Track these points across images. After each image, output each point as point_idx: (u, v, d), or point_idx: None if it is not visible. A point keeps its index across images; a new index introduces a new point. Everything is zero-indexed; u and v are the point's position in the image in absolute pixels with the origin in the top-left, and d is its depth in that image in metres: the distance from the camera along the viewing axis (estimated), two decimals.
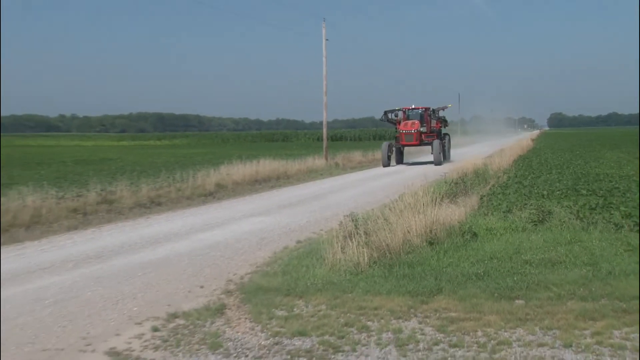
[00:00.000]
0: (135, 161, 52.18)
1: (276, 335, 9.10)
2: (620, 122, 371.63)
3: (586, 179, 26.16)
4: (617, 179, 25.92)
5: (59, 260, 14.86)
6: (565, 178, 26.99)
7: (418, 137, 48.98)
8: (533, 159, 43.00)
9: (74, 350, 8.88)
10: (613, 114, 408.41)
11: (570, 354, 8.05)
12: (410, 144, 50.12)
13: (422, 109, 51.91)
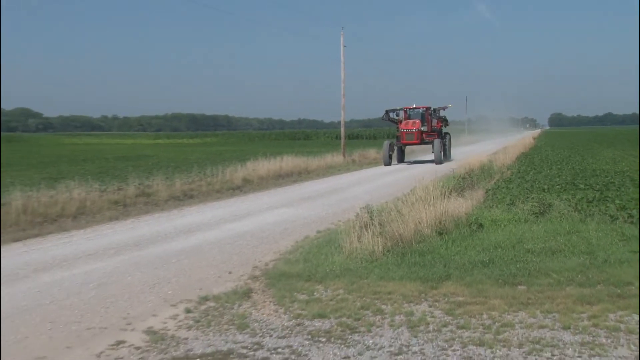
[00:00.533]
0: (169, 158, 52.30)
1: (298, 317, 9.13)
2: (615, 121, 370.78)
3: (584, 174, 26.21)
4: (613, 174, 25.98)
5: (102, 248, 14.96)
6: (565, 173, 27.06)
7: (419, 136, 46.34)
8: (535, 156, 42.94)
9: (116, 328, 8.94)
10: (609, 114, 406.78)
11: (569, 335, 8.04)
12: (411, 142, 47.54)
13: (423, 109, 48.91)
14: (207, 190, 27.16)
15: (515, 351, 7.58)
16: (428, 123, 47.94)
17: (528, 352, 7.53)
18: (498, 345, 7.76)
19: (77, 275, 12.29)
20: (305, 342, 8.12)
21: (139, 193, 24.07)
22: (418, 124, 46.49)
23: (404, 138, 47.28)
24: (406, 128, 46.87)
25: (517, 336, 8.06)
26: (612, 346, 7.64)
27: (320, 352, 7.76)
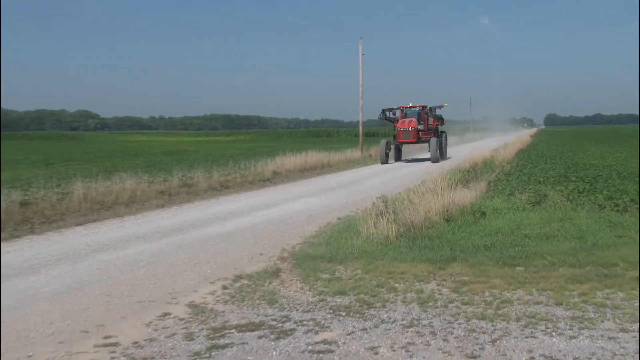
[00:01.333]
0: (208, 153, 52.44)
1: (321, 293, 9.14)
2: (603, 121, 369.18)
3: (575, 168, 26.13)
4: (601, 168, 25.81)
5: (150, 232, 15.05)
6: (558, 167, 26.96)
7: (415, 134, 41.86)
8: (531, 151, 42.75)
9: (162, 302, 9.00)
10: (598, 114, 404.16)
11: (561, 310, 8.01)
12: (408, 141, 42.75)
13: (419, 107, 44.05)
14: (241, 181, 27.21)
15: (514, 324, 7.55)
16: (424, 122, 43.71)
17: (525, 326, 7.50)
18: (498, 319, 7.74)
19: (129, 255, 12.38)
20: (327, 315, 8.12)
21: (181, 184, 24.16)
22: (414, 123, 42.26)
23: (400, 137, 43.01)
24: (402, 127, 42.55)
25: (515, 311, 8.04)
26: (600, 320, 7.61)
27: (341, 324, 7.77)
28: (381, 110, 44.68)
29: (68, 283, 10.27)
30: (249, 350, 6.94)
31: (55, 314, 8.60)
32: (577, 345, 6.84)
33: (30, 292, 9.78)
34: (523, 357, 6.55)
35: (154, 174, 26.12)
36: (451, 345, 6.94)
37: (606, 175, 22.35)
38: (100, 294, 9.59)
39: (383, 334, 7.36)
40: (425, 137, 42.68)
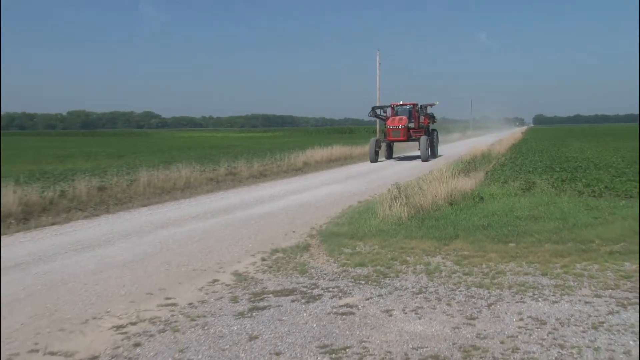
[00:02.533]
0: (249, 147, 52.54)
1: (344, 265, 9.14)
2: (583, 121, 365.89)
3: (559, 160, 25.95)
4: (580, 160, 25.65)
5: (202, 212, 15.13)
6: (545, 159, 26.74)
7: (405, 132, 35.40)
8: (522, 146, 42.35)
9: (212, 271, 9.06)
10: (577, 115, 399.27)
11: (546, 279, 7.99)
12: (398, 139, 36.23)
13: (410, 105, 37.46)
14: (276, 170, 27.30)
15: (506, 291, 7.52)
16: (415, 120, 37.01)
17: (515, 292, 7.47)
18: (493, 287, 7.71)
19: (185, 231, 12.47)
20: (349, 283, 8.13)
21: (227, 172, 24.34)
22: (404, 121, 35.70)
23: (390, 135, 36.25)
24: (392, 125, 35.96)
25: (507, 280, 8.00)
26: (578, 287, 7.62)
27: (361, 291, 7.77)
28: (371, 108, 37.79)
29: (136, 254, 10.39)
30: (283, 312, 6.97)
31: (126, 278, 8.71)
32: (558, 309, 6.84)
33: (106, 260, 9.93)
34: (514, 318, 6.54)
35: (205, 164, 26.27)
36: (453, 309, 6.93)
37: (584, 166, 22.28)
38: (161, 263, 9.68)
39: (396, 299, 7.36)
40: (415, 135, 36.44)
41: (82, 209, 15.49)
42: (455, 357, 5.54)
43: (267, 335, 6.20)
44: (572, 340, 5.88)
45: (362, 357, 5.59)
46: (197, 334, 6.32)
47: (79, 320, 6.94)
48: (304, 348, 5.84)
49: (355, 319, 6.65)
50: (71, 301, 7.68)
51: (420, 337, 6.07)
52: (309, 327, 6.41)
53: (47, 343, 6.24)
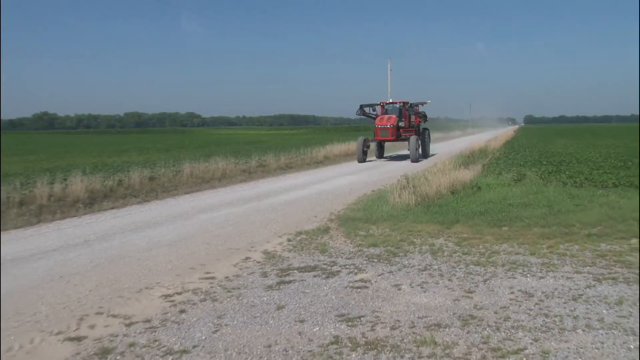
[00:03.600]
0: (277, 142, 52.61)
1: (359, 245, 9.13)
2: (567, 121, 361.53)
3: (546, 155, 25.97)
4: (564, 155, 25.66)
5: (236, 199, 15.20)
6: (534, 154, 26.73)
7: (394, 132, 29.63)
8: (514, 142, 42.09)
9: (244, 250, 9.10)
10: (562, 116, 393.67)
11: (534, 258, 7.94)
12: (386, 139, 30.38)
13: (400, 104, 31.68)
14: (300, 163, 27.29)
15: (500, 269, 7.48)
16: (405, 119, 31.22)
17: (508, 269, 7.43)
18: (489, 265, 7.67)
19: (221, 215, 12.54)
20: (363, 261, 8.13)
21: (258, 165, 24.38)
22: (393, 120, 29.90)
23: (378, 134, 30.41)
24: (381, 124, 30.18)
25: (501, 259, 7.96)
26: (561, 265, 7.59)
27: (374, 267, 7.77)
28: (359, 107, 31.84)
29: (180, 234, 10.48)
30: (307, 285, 7.00)
31: (171, 255, 8.79)
32: (544, 283, 6.84)
33: (156, 239, 10.03)
34: (506, 292, 6.52)
35: (238, 157, 26.36)
36: (454, 283, 6.92)
37: (568, 160, 22.30)
38: (202, 242, 9.75)
39: (404, 275, 7.36)
40: (406, 134, 30.63)
41: (135, 196, 15.66)
42: (455, 325, 5.54)
43: (293, 305, 6.23)
44: (555, 310, 5.90)
45: (374, 325, 5.61)
46: (232, 303, 6.36)
47: (135, 289, 7.03)
48: (324, 316, 5.87)
49: (368, 292, 6.65)
50: (128, 273, 7.78)
51: (425, 308, 6.07)
52: (329, 299, 6.43)
53: (109, 307, 6.36)
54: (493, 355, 4.84)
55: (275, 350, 5.04)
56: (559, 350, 4.93)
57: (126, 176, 17.58)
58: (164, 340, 5.35)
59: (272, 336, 5.37)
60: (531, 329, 5.40)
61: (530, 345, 5.04)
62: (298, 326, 5.61)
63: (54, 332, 5.67)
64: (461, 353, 4.89)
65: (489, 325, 5.50)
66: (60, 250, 9.32)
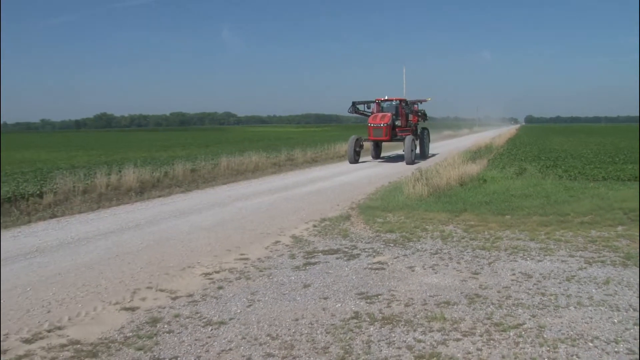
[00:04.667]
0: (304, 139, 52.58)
1: (377, 231, 9.12)
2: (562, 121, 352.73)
3: (544, 151, 25.71)
4: (560, 152, 25.34)
5: (267, 189, 15.27)
6: (533, 150, 26.44)
7: (388, 131, 24.68)
8: (516, 140, 41.50)
9: (275, 234, 9.15)
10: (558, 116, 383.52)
11: (534, 244, 7.88)
12: (380, 139, 25.39)
13: (396, 101, 26.73)
14: (325, 157, 27.24)
15: (503, 253, 7.43)
16: (402, 117, 26.44)
17: (510, 253, 7.38)
18: (493, 249, 7.62)
19: (254, 204, 12.61)
20: (381, 245, 8.13)
21: (287, 158, 24.41)
22: (387, 118, 24.90)
23: (371, 134, 25.38)
24: (374, 122, 25.14)
25: (504, 244, 7.90)
26: (557, 250, 7.54)
27: (390, 251, 7.77)
28: (351, 104, 26.74)
29: (217, 220, 10.57)
30: (330, 266, 7.02)
31: (210, 238, 8.88)
32: (542, 266, 6.80)
33: (197, 224, 10.14)
34: (508, 273, 6.49)
35: (269, 152, 26.42)
36: (462, 266, 6.88)
37: (564, 156, 22.05)
38: (236, 227, 9.83)
39: (417, 258, 7.34)
40: (402, 134, 25.68)
41: (179, 186, 15.82)
42: (462, 302, 5.52)
43: (317, 284, 6.26)
44: (551, 290, 5.88)
45: (390, 302, 5.61)
46: (264, 282, 6.42)
47: (179, 267, 7.14)
48: (345, 294, 5.89)
49: (385, 273, 6.66)
50: (172, 253, 7.90)
51: (435, 287, 6.05)
52: (350, 279, 6.45)
53: (158, 283, 6.47)
54: (496, 330, 4.82)
55: (302, 324, 5.09)
56: (554, 325, 4.91)
57: (171, 168, 17.77)
58: (204, 312, 5.43)
59: (299, 311, 5.41)
60: (529, 306, 5.37)
61: (529, 320, 5.02)
62: (322, 303, 5.64)
63: (112, 302, 5.80)
64: (467, 327, 4.88)
65: (492, 303, 5.48)
66: (116, 232, 9.50)
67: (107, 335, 4.91)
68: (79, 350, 4.58)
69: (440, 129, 63.64)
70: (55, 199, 12.43)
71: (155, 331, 4.97)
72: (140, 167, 16.88)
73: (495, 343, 4.55)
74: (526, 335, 4.70)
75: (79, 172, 15.54)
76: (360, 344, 4.59)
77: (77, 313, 5.49)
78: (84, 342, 4.77)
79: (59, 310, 5.60)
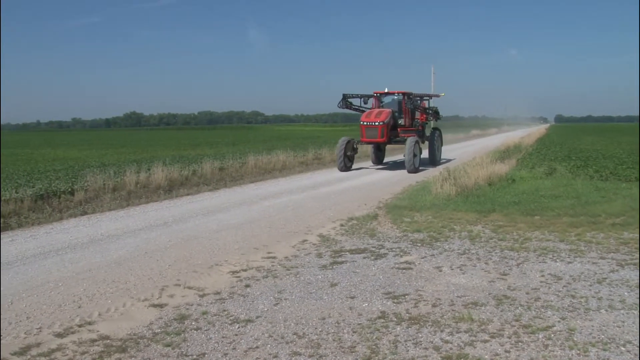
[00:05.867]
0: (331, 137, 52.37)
1: (404, 231, 9.09)
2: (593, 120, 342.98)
3: (575, 151, 25.09)
4: (591, 151, 24.67)
5: (294, 188, 15.33)
6: (563, 150, 25.84)
7: (385, 131, 19.86)
8: (546, 139, 40.70)
9: (302, 233, 9.21)
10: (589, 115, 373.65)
11: (563, 245, 7.77)
12: (374, 140, 20.41)
13: (398, 95, 21.55)
14: None
15: (532, 254, 7.34)
16: (405, 115, 21.49)
17: (539, 254, 7.29)
18: (521, 250, 7.53)
19: (281, 202, 12.69)
20: (408, 245, 8.10)
21: (314, 157, 24.44)
22: (384, 115, 20.03)
23: (364, 135, 20.32)
24: (367, 120, 20.17)
25: (533, 245, 7.80)
26: (587, 251, 7.43)
27: (417, 251, 7.73)
28: (342, 97, 21.08)
29: (245, 218, 10.67)
30: (357, 266, 7.03)
31: (238, 236, 8.98)
32: (572, 267, 6.70)
33: (224, 222, 10.26)
34: (537, 275, 6.42)
35: (297, 151, 26.49)
36: (490, 267, 6.82)
37: (594, 156, 21.55)
38: (264, 225, 9.91)
39: (445, 258, 7.29)
40: (405, 135, 20.91)
41: (207, 184, 16.02)
42: (490, 304, 5.47)
43: (344, 283, 6.28)
44: (581, 292, 5.79)
45: (417, 302, 5.59)
46: (291, 280, 6.46)
47: (206, 265, 7.24)
48: (372, 294, 5.89)
49: (412, 273, 6.63)
50: (200, 251, 8.01)
51: (463, 288, 6.01)
52: (377, 278, 6.45)
53: (185, 280, 6.59)
54: (524, 332, 4.77)
55: (329, 322, 5.11)
56: (584, 327, 4.83)
57: (199, 167, 18.01)
58: (231, 310, 5.50)
59: (325, 310, 5.44)
60: (559, 309, 5.29)
61: (558, 323, 4.95)
62: (349, 302, 5.66)
63: (141, 298, 5.93)
64: (495, 329, 4.83)
65: (520, 305, 5.42)
66: (145, 229, 9.69)
67: (135, 331, 5.02)
68: (108, 346, 4.70)
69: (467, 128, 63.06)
70: (86, 197, 12.76)
71: (183, 328, 5.06)
72: (169, 166, 17.16)
73: (523, 345, 4.50)
74: (555, 337, 4.63)
75: (109, 170, 15.91)
76: (387, 344, 4.59)
77: (107, 309, 5.63)
78: (114, 337, 4.89)
79: (89, 305, 5.75)
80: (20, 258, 7.72)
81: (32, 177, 15.33)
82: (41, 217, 10.82)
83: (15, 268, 7.20)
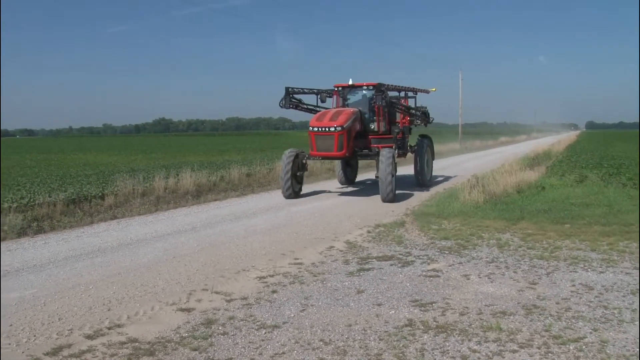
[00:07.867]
0: None
1: (432, 238, 9.03)
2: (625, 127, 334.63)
3: (606, 158, 24.71)
4: (624, 158, 24.25)
5: (321, 194, 15.35)
6: (595, 157, 25.45)
7: (344, 141, 13.25)
8: (576, 146, 40.09)
9: (329, 239, 9.23)
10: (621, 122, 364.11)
11: (595, 254, 7.61)
12: (329, 155, 13.78)
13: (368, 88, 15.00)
14: None
15: (562, 263, 7.20)
16: (380, 117, 14.98)
17: (569, 264, 7.14)
18: (551, 259, 7.40)
19: (309, 208, 12.74)
20: (436, 253, 8.04)
21: None
22: (345, 118, 13.52)
23: (313, 145, 13.94)
24: (318, 125, 13.60)
25: (563, 254, 7.66)
26: (620, 261, 7.26)
27: (445, 259, 7.66)
28: (285, 91, 15.23)
29: (272, 224, 10.74)
30: (384, 273, 7.00)
31: (265, 242, 9.05)
32: (604, 278, 6.56)
33: (251, 228, 10.36)
34: (568, 284, 6.29)
35: None
36: (519, 275, 6.72)
37: (627, 163, 21.10)
38: (291, 231, 9.96)
39: (473, 266, 7.22)
40: (378, 145, 14.71)
41: (234, 190, 16.17)
42: (519, 313, 5.39)
43: (371, 290, 6.27)
44: (614, 303, 5.65)
45: (444, 310, 5.54)
46: (317, 287, 6.48)
47: (234, 270, 7.32)
48: (399, 301, 5.86)
49: (440, 281, 6.58)
50: (228, 256, 8.10)
51: (491, 296, 5.94)
52: (404, 286, 6.42)
53: (213, 285, 6.67)
54: (554, 342, 4.68)
55: (355, 330, 5.10)
56: (617, 340, 4.71)
57: (227, 172, 18.18)
58: (258, 315, 5.54)
59: (352, 317, 5.44)
60: (591, 320, 5.18)
61: (590, 334, 4.84)
62: (376, 309, 5.64)
63: (169, 302, 6.02)
64: (524, 339, 4.76)
65: (550, 315, 5.32)
66: (173, 234, 9.83)
67: (163, 335, 5.10)
68: (137, 348, 4.79)
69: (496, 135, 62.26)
70: (115, 201, 13.02)
71: (210, 332, 5.12)
72: (197, 171, 17.38)
73: (553, 356, 4.42)
74: (587, 349, 4.54)
75: (138, 175, 16.21)
76: (414, 352, 4.57)
77: (136, 312, 5.74)
78: (142, 340, 4.98)
79: (118, 308, 5.87)
80: (52, 261, 7.93)
81: (65, 182, 15.71)
82: (73, 220, 11.09)
83: (47, 270, 7.40)
